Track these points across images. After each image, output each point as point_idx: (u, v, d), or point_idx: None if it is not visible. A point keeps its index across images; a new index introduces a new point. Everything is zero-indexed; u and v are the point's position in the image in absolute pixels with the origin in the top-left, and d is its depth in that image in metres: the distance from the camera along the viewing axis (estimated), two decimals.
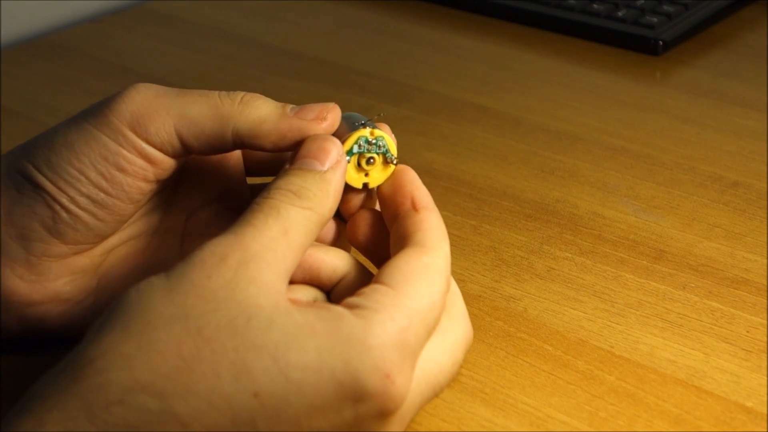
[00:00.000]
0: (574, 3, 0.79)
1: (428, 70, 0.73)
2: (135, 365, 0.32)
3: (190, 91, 0.40)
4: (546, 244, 0.51)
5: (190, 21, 0.84)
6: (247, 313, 0.33)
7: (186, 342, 0.32)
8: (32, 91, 0.71)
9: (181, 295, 0.33)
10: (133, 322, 0.32)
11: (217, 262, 0.33)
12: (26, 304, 0.41)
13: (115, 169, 0.39)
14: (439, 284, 0.36)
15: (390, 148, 0.40)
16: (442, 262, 0.37)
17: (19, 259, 0.40)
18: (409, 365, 0.34)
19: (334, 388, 0.33)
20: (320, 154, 0.38)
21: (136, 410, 0.31)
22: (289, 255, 0.35)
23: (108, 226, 0.41)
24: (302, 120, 0.39)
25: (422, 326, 0.35)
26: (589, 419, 0.40)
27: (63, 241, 0.40)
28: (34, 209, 0.39)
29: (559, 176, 0.58)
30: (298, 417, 0.32)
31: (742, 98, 0.67)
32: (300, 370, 0.32)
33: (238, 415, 0.32)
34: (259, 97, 0.40)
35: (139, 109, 0.39)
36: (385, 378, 0.33)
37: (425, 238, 0.37)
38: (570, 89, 0.70)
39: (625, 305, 0.47)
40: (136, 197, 0.40)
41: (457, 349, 0.38)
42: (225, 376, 0.32)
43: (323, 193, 0.37)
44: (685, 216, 0.54)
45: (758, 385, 0.42)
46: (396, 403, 0.34)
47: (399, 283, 0.35)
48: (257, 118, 0.39)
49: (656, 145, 0.61)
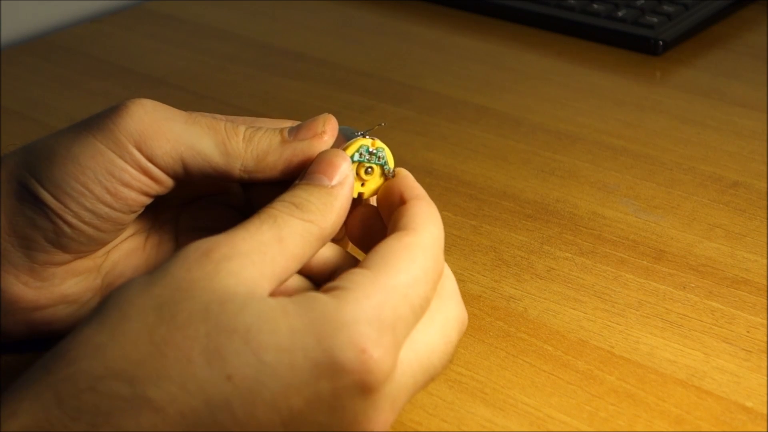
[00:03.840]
0: (574, 3, 0.79)
1: (428, 70, 0.73)
2: (106, 353, 0.32)
3: (199, 119, 0.40)
4: (546, 244, 0.51)
5: (190, 21, 0.84)
6: (221, 300, 0.33)
7: (158, 329, 0.32)
8: (32, 91, 0.71)
9: (159, 287, 0.33)
10: (109, 315, 0.33)
11: (200, 257, 0.34)
12: (33, 309, 0.41)
13: (120, 184, 0.39)
14: (421, 261, 0.36)
15: (389, 160, 0.40)
16: (427, 241, 0.36)
17: (22, 266, 0.40)
18: (389, 340, 0.33)
19: (309, 366, 0.32)
20: (329, 169, 0.38)
21: (108, 397, 0.31)
22: (281, 261, 0.35)
23: (109, 235, 0.41)
24: (302, 141, 0.40)
25: (402, 301, 0.34)
26: (589, 419, 0.40)
27: (65, 251, 0.40)
28: (35, 222, 0.39)
29: (559, 176, 0.58)
30: (274, 398, 0.32)
31: (742, 98, 0.67)
32: (273, 351, 0.32)
33: (212, 398, 0.31)
34: (258, 129, 0.40)
35: (147, 131, 0.39)
36: (361, 353, 0.33)
37: (409, 222, 0.37)
38: (570, 89, 0.70)
39: (626, 305, 0.47)
40: (137, 209, 0.41)
41: (449, 329, 0.37)
42: (197, 361, 0.32)
43: (327, 207, 0.37)
44: (685, 216, 0.54)
45: (758, 385, 0.42)
46: (376, 378, 0.33)
47: (377, 264, 0.35)
48: (260, 152, 0.40)
49: (656, 145, 0.61)
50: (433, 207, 0.38)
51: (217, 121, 0.40)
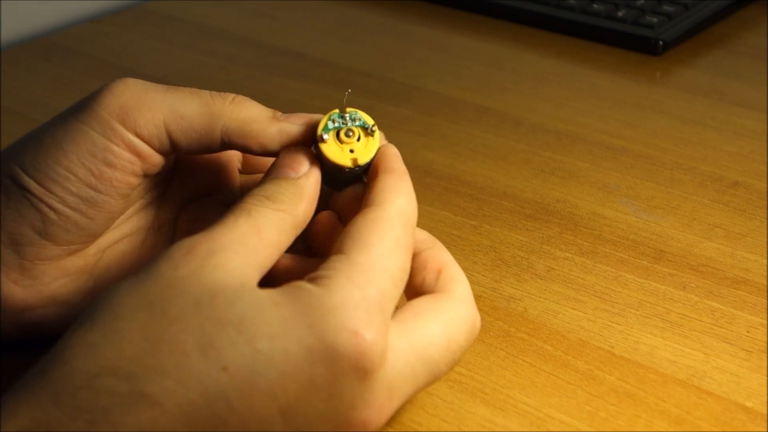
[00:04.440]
0: (574, 3, 0.79)
1: (428, 70, 0.73)
2: (100, 352, 0.32)
3: (181, 88, 0.41)
4: (546, 244, 0.51)
5: (190, 21, 0.84)
6: (212, 292, 0.33)
7: (151, 325, 0.32)
8: (32, 91, 0.71)
9: (147, 286, 0.33)
10: (100, 315, 0.33)
11: (185, 254, 0.34)
12: (22, 309, 0.41)
13: (103, 165, 0.39)
14: (391, 233, 0.36)
15: (365, 119, 0.40)
16: (391, 213, 0.37)
17: (12, 264, 0.40)
18: (379, 319, 0.34)
19: (304, 354, 0.32)
20: (293, 163, 0.39)
21: (105, 394, 0.31)
22: (262, 250, 0.35)
23: (98, 224, 0.41)
24: (292, 124, 0.40)
25: (383, 277, 0.35)
26: (589, 419, 0.40)
27: (54, 242, 0.40)
28: (21, 213, 0.39)
29: (559, 176, 0.58)
30: (271, 388, 0.32)
31: (742, 98, 0.67)
32: (267, 340, 0.32)
33: (208, 390, 0.32)
34: (249, 99, 0.41)
35: (128, 102, 0.39)
36: (354, 336, 0.33)
37: (375, 197, 0.38)
38: (570, 89, 0.70)
39: (626, 305, 0.47)
40: (124, 192, 0.40)
41: (454, 328, 0.37)
42: (192, 353, 0.32)
43: (296, 197, 0.38)
44: (685, 216, 0.54)
45: (758, 385, 0.42)
46: (371, 359, 0.33)
47: (348, 246, 0.35)
48: (247, 117, 0.40)
49: (656, 145, 0.61)
50: (403, 179, 0.39)
51: (201, 90, 0.41)
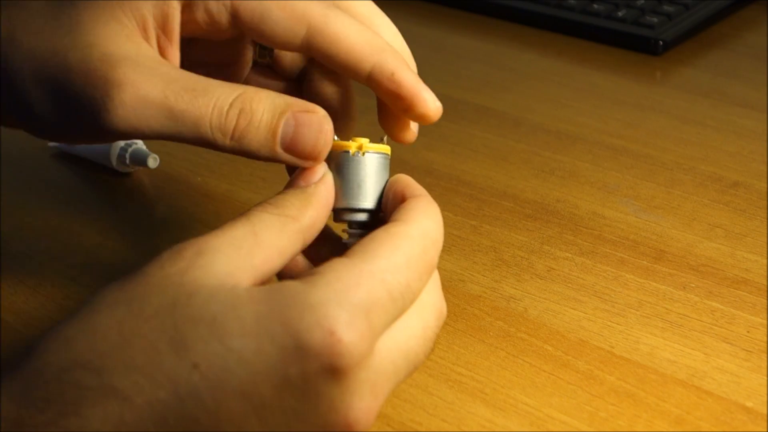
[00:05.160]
0: (574, 3, 0.79)
1: (428, 70, 0.73)
2: (73, 346, 0.32)
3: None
4: (546, 244, 0.51)
5: None
6: (189, 293, 0.33)
7: (127, 321, 0.32)
8: None
9: (132, 284, 0.33)
10: (81, 311, 0.33)
11: (173, 254, 0.34)
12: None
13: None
14: (406, 249, 0.35)
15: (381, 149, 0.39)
16: (415, 231, 0.35)
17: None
18: (362, 324, 0.32)
19: (276, 351, 0.32)
20: (306, 175, 0.38)
21: (74, 386, 0.31)
22: (259, 254, 0.34)
23: None
24: (289, 156, 0.38)
25: (378, 286, 0.33)
26: (589, 419, 0.40)
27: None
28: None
29: (559, 176, 0.58)
30: (242, 385, 0.32)
31: (742, 98, 0.67)
32: (238, 338, 0.32)
33: (179, 387, 0.31)
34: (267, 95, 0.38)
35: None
36: (329, 335, 0.32)
37: (401, 215, 0.36)
38: (570, 89, 0.70)
39: (626, 305, 0.47)
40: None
41: (426, 314, 0.36)
42: (164, 350, 0.32)
43: (303, 203, 0.36)
44: (685, 216, 0.54)
45: (758, 385, 0.42)
46: (346, 362, 0.32)
47: (356, 252, 0.34)
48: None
49: (656, 145, 0.61)
50: (433, 204, 0.38)
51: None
